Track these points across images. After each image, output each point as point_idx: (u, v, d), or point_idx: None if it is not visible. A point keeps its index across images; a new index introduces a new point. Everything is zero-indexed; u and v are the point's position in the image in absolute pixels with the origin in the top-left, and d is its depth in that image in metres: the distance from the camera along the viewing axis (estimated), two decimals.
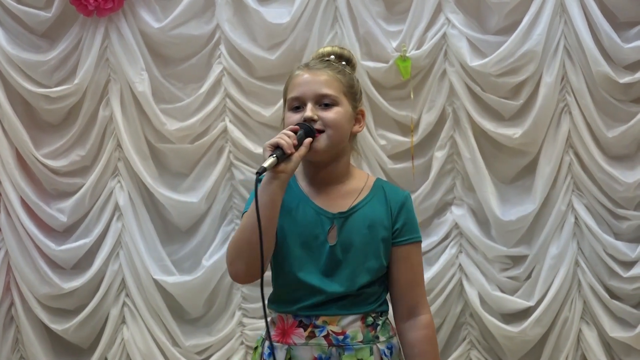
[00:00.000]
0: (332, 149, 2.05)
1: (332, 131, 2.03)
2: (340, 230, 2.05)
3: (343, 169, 2.11)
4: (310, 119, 2.02)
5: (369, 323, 2.07)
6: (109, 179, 3.95)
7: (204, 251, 3.92)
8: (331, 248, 2.04)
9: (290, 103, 2.08)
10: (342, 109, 2.06)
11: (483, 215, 3.84)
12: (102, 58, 3.90)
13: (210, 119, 3.91)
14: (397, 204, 2.10)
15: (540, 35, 3.68)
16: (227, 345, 3.92)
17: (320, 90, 2.05)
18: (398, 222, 2.09)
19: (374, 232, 2.06)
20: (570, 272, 3.76)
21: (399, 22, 3.82)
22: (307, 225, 2.05)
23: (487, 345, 3.88)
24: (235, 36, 3.85)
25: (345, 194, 2.09)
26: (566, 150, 3.78)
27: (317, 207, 2.07)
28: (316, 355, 2.03)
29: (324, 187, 2.10)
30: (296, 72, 2.10)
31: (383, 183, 2.17)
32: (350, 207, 2.07)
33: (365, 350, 2.05)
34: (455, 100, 3.81)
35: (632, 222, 3.73)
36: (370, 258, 2.06)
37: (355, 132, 2.12)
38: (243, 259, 1.97)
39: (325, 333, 2.03)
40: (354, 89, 2.12)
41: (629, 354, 3.75)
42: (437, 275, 3.81)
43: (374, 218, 2.07)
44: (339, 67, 2.12)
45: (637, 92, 3.73)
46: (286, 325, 2.06)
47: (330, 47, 2.20)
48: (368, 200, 2.09)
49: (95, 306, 3.92)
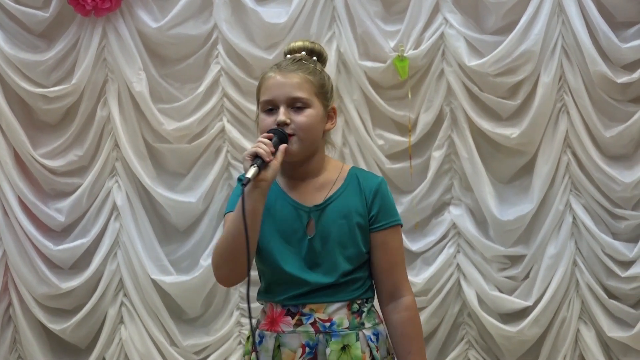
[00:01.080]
0: (305, 150, 2.11)
1: (304, 134, 2.08)
2: (317, 222, 2.10)
3: (317, 164, 2.16)
4: (283, 122, 2.07)
5: (355, 310, 2.11)
6: (107, 179, 3.95)
7: (201, 251, 3.92)
8: (310, 241, 2.10)
9: (263, 106, 2.13)
10: (313, 111, 2.10)
11: (481, 215, 3.84)
12: (99, 58, 3.90)
13: (208, 118, 3.91)
14: (370, 191, 2.14)
15: (537, 35, 3.68)
16: (225, 344, 3.93)
17: (292, 93, 2.09)
18: (373, 209, 2.13)
19: (350, 221, 2.10)
20: (568, 272, 3.76)
21: (396, 21, 3.82)
22: (285, 221, 2.11)
23: (485, 345, 3.88)
24: (233, 36, 3.85)
25: (320, 187, 2.14)
26: (564, 150, 3.78)
27: (294, 202, 2.12)
28: (304, 342, 2.08)
29: (300, 182, 2.15)
30: (269, 74, 2.14)
31: (357, 171, 2.20)
32: (325, 199, 2.12)
33: (351, 336, 2.09)
34: (453, 100, 3.81)
35: (630, 222, 3.73)
36: (349, 246, 2.10)
37: (327, 129, 2.17)
38: (227, 265, 2.04)
39: (312, 320, 2.08)
40: (325, 88, 2.16)
41: (626, 354, 3.75)
42: (435, 275, 3.81)
43: (349, 207, 2.11)
44: (310, 67, 2.15)
45: (635, 92, 3.74)
46: (275, 314, 2.11)
47: (302, 41, 2.23)
48: (342, 191, 2.14)
49: (93, 306, 3.92)
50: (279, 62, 2.18)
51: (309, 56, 2.18)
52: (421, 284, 3.78)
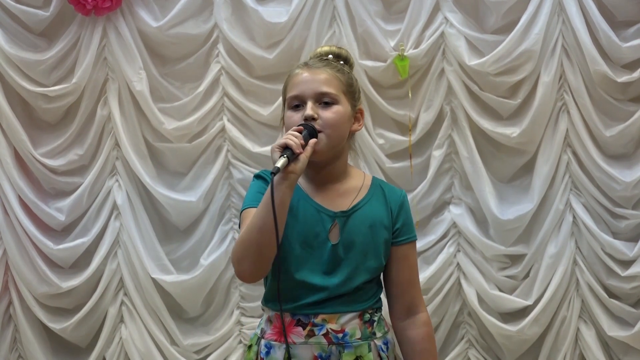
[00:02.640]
0: (332, 149, 2.07)
1: (331, 130, 2.04)
2: (343, 228, 2.07)
3: (342, 168, 2.13)
4: (311, 117, 2.03)
5: (366, 320, 2.09)
6: (107, 178, 3.95)
7: (202, 250, 3.92)
8: (333, 246, 2.06)
9: (290, 102, 2.09)
10: (341, 108, 2.07)
11: (481, 214, 3.84)
12: (100, 57, 3.90)
13: (208, 118, 3.91)
14: (396, 204, 2.13)
15: (538, 35, 3.68)
16: (225, 344, 3.93)
17: (320, 88, 2.06)
18: (398, 222, 2.12)
19: (374, 232, 2.08)
20: (568, 271, 3.77)
21: (397, 21, 3.82)
22: (307, 223, 2.06)
23: (485, 344, 3.88)
24: (234, 35, 3.85)
25: (344, 193, 2.11)
26: (564, 149, 3.78)
27: (317, 205, 2.08)
28: (316, 353, 2.05)
29: (323, 185, 2.11)
30: (296, 71, 2.12)
31: (380, 182, 2.19)
32: (352, 205, 2.09)
33: (364, 346, 2.06)
34: (453, 99, 3.82)
35: (630, 221, 3.73)
36: (370, 257, 2.08)
37: (354, 130, 2.14)
38: (250, 259, 1.97)
39: (324, 331, 2.05)
40: (353, 87, 2.13)
41: (627, 353, 3.76)
42: (435, 274, 3.81)
43: (374, 218, 2.09)
44: (338, 66, 2.13)
45: (635, 91, 3.74)
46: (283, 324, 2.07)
47: (328, 46, 2.22)
48: (368, 200, 2.11)
49: (94, 305, 3.92)
50: (306, 61, 2.16)
51: (336, 60, 2.16)
52: (421, 283, 3.75)
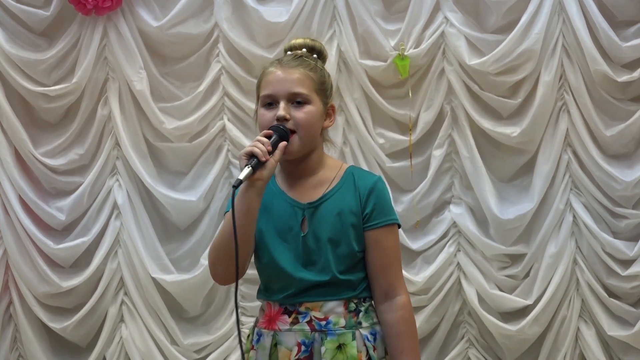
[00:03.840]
0: (304, 148, 2.11)
1: (304, 131, 2.08)
2: (311, 220, 2.10)
3: (315, 162, 2.16)
4: (282, 117, 2.07)
5: (351, 309, 2.11)
6: (108, 178, 3.95)
7: (202, 250, 3.92)
8: (303, 238, 2.09)
9: (263, 100, 2.13)
10: (313, 108, 2.11)
11: (481, 214, 3.84)
12: (100, 57, 3.90)
13: (208, 117, 3.91)
14: (365, 189, 2.13)
15: (538, 34, 3.69)
16: (226, 343, 3.93)
17: (292, 89, 2.09)
18: (367, 208, 2.12)
19: (343, 219, 2.10)
20: (568, 271, 3.77)
21: (397, 20, 3.83)
22: (281, 218, 2.11)
23: (485, 343, 3.88)
24: (234, 35, 3.85)
25: (316, 185, 2.14)
26: (564, 148, 3.78)
27: (290, 200, 2.13)
28: (300, 340, 2.08)
29: (298, 179, 2.15)
30: (269, 69, 2.15)
31: (354, 170, 2.19)
32: (320, 196, 2.12)
33: (347, 335, 2.08)
34: (454, 99, 3.82)
35: (631, 221, 3.73)
36: (340, 245, 2.09)
37: (325, 127, 2.17)
38: (222, 263, 2.05)
39: (308, 319, 2.08)
40: (325, 85, 2.17)
41: (627, 353, 3.76)
42: (436, 274, 3.81)
43: (342, 205, 2.11)
44: (311, 63, 2.15)
45: (636, 91, 3.74)
46: (272, 312, 2.12)
47: (302, 39, 2.24)
48: (338, 189, 2.13)
49: (94, 305, 3.93)
50: (279, 57, 2.18)
51: (310, 53, 2.19)
52: (421, 282, 3.78)
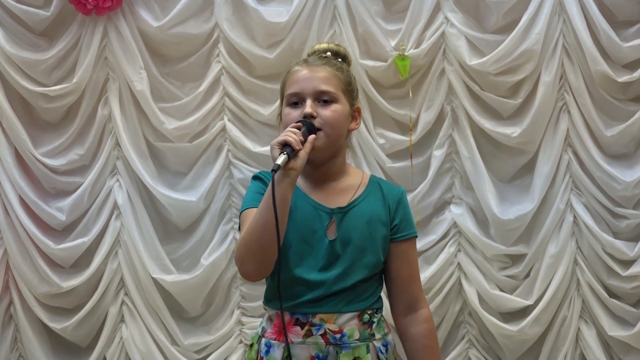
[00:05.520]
0: (330, 147, 2.07)
1: (330, 129, 2.05)
2: (340, 225, 2.07)
3: (339, 166, 2.13)
4: (310, 115, 2.03)
5: (365, 320, 2.09)
6: (108, 178, 3.95)
7: (202, 250, 3.92)
8: (330, 242, 2.06)
9: (289, 99, 2.09)
10: (340, 107, 2.08)
11: (482, 214, 3.84)
12: (100, 57, 3.90)
13: (209, 117, 3.91)
14: (394, 200, 2.12)
15: (538, 34, 3.69)
16: (226, 343, 3.93)
17: (319, 86, 2.06)
18: (396, 219, 2.11)
19: (372, 228, 2.08)
20: (569, 271, 3.76)
21: (397, 20, 3.82)
22: (305, 221, 2.07)
23: (485, 344, 3.88)
24: (234, 35, 3.85)
25: (342, 190, 2.11)
26: (565, 149, 3.78)
27: (315, 203, 2.09)
28: (313, 353, 2.04)
29: (321, 183, 2.12)
30: (295, 68, 2.11)
31: (378, 179, 2.19)
32: (349, 202, 2.09)
33: (362, 348, 2.06)
34: (454, 99, 3.82)
35: (631, 221, 3.73)
36: (368, 254, 2.08)
37: (351, 129, 2.14)
38: (254, 258, 1.97)
39: (322, 332, 2.05)
40: (352, 86, 2.14)
41: (628, 353, 3.75)
42: (436, 274, 3.81)
43: (372, 214, 2.09)
44: (337, 64, 2.13)
45: (636, 91, 3.74)
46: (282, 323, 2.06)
47: (327, 43, 2.22)
48: (365, 196, 2.11)
49: (94, 305, 3.92)
50: (305, 57, 2.15)
51: (335, 57, 2.17)
52: (422, 283, 3.77)
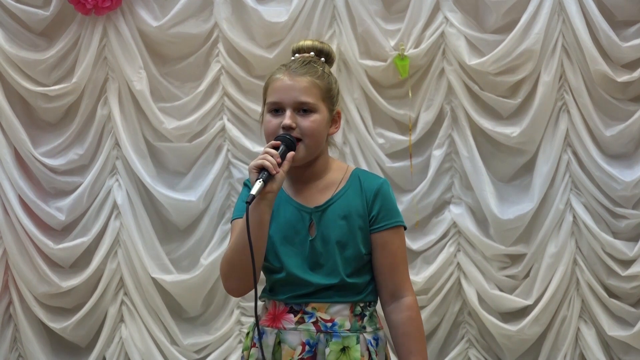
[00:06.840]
0: (310, 156, 2.12)
1: (309, 140, 2.09)
2: (318, 223, 2.11)
3: (321, 166, 2.17)
4: (289, 126, 2.07)
5: (357, 313, 2.12)
6: (107, 178, 3.95)
7: (202, 250, 3.92)
8: (311, 242, 2.10)
9: (270, 106, 2.13)
10: (319, 116, 2.11)
11: (481, 214, 3.84)
12: (100, 56, 3.90)
13: (208, 117, 3.91)
14: (371, 192, 2.14)
15: (538, 34, 3.69)
16: (225, 343, 3.93)
17: (299, 98, 2.09)
18: (374, 210, 2.13)
19: (350, 222, 2.11)
20: (568, 271, 3.76)
21: (397, 20, 3.82)
22: (289, 223, 2.12)
23: (485, 343, 3.88)
24: (234, 35, 3.85)
25: (323, 188, 2.15)
26: (564, 149, 3.78)
27: (297, 204, 2.13)
28: (304, 340, 2.08)
29: (305, 184, 2.16)
30: (277, 75, 2.14)
31: (359, 172, 2.20)
32: (326, 200, 2.13)
33: (351, 338, 2.09)
34: (454, 99, 3.82)
35: (631, 221, 3.73)
36: (348, 247, 2.10)
37: (331, 133, 2.18)
38: (235, 276, 2.06)
39: (314, 319, 2.09)
40: (332, 92, 2.17)
41: (627, 353, 3.76)
42: (436, 274, 3.81)
43: (349, 208, 2.12)
44: (318, 70, 2.15)
45: (635, 91, 3.74)
46: (277, 310, 2.12)
47: (311, 40, 2.23)
48: (344, 192, 2.14)
49: (94, 305, 3.92)
50: (287, 62, 2.17)
51: (318, 57, 2.18)
52: (421, 282, 3.78)
